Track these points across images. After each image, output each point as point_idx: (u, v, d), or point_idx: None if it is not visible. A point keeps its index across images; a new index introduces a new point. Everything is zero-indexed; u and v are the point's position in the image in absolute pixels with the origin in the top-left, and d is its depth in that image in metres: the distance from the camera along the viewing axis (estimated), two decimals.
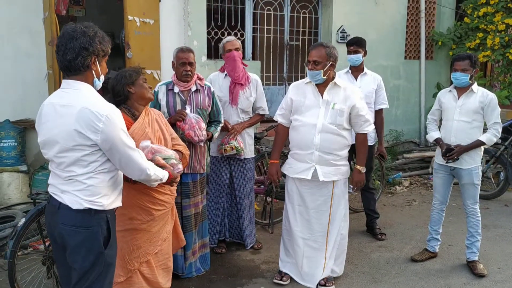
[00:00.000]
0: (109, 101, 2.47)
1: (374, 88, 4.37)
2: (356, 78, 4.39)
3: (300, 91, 3.40)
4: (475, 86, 3.71)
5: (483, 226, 3.86)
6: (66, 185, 2.07)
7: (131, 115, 2.77)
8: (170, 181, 2.53)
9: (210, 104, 3.59)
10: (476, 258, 3.83)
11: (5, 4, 4.95)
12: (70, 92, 2.07)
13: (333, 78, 3.32)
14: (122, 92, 2.77)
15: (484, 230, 4.62)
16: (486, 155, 5.90)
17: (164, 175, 2.40)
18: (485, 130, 3.72)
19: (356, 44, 4.32)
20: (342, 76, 4.29)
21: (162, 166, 2.49)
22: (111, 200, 2.14)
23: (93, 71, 2.09)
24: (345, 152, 3.38)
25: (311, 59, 3.25)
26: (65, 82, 2.09)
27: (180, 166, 2.70)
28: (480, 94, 3.67)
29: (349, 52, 4.35)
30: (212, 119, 3.67)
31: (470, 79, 3.66)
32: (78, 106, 1.99)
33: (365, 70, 4.43)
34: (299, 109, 3.35)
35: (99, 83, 2.14)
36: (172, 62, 3.51)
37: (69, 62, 2.03)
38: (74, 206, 2.04)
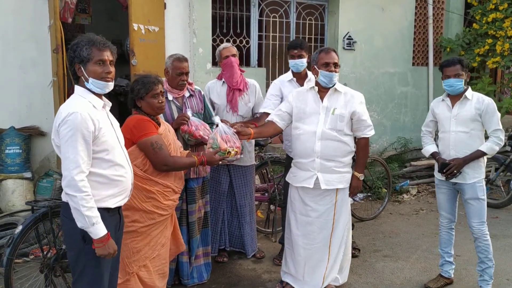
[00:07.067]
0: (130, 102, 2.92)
1: None
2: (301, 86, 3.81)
3: (301, 97, 3.33)
4: (469, 92, 3.36)
5: (492, 235, 3.69)
6: None
7: (154, 120, 2.90)
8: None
9: (202, 108, 3.57)
10: (490, 287, 3.45)
11: (12, 13, 4.99)
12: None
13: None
14: (131, 103, 2.90)
15: (493, 240, 4.46)
16: (495, 163, 5.79)
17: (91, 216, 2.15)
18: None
19: (300, 47, 3.77)
20: (285, 85, 3.86)
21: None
22: (95, 198, 2.19)
23: (82, 77, 2.30)
24: (348, 159, 3.30)
25: (331, 61, 3.16)
26: None
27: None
28: (476, 101, 3.33)
29: (292, 57, 3.79)
30: (205, 122, 3.62)
31: (464, 84, 3.34)
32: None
33: (309, 75, 3.90)
34: (300, 117, 3.28)
35: (90, 85, 2.29)
36: (166, 69, 3.42)
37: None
38: (63, 198, 2.27)
